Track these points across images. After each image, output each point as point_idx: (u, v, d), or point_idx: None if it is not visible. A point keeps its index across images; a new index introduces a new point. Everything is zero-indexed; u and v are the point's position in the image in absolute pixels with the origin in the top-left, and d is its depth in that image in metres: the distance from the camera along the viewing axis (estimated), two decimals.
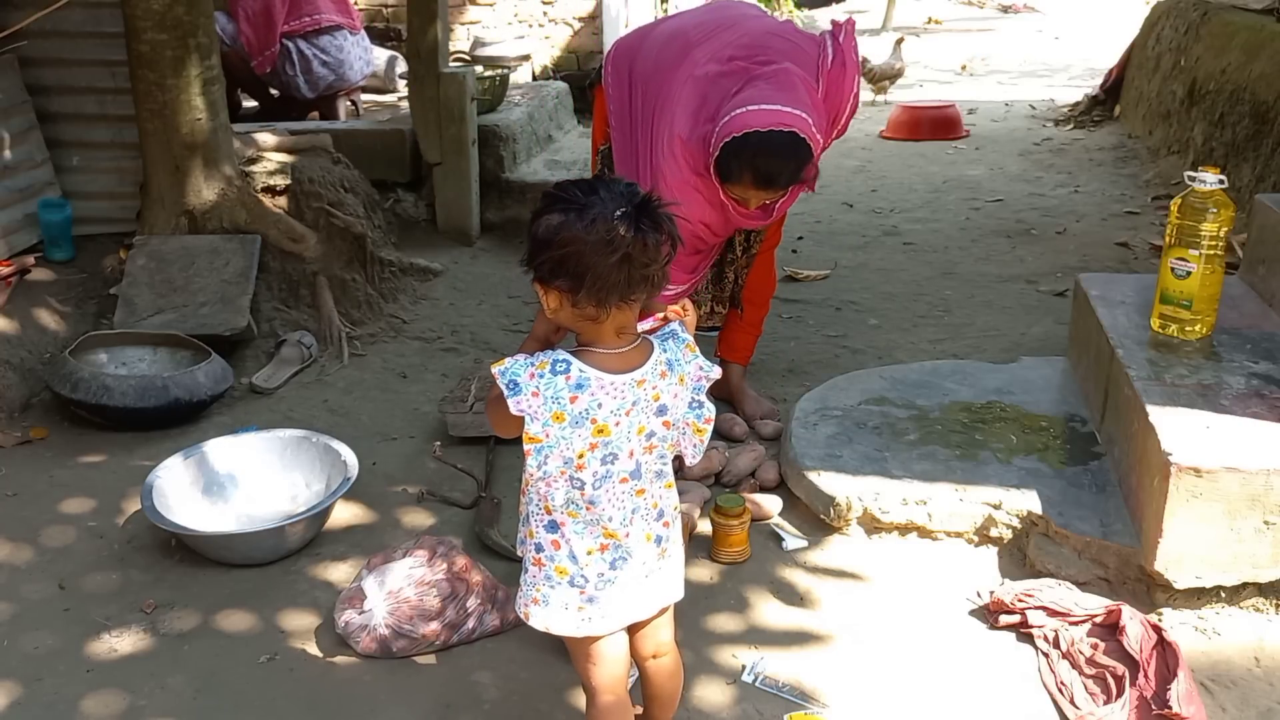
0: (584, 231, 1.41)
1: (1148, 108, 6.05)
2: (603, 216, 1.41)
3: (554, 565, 1.57)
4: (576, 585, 1.57)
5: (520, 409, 1.46)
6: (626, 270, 1.43)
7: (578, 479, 1.51)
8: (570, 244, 1.42)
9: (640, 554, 1.58)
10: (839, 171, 5.95)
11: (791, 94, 2.42)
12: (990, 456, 2.52)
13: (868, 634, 2.13)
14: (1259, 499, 2.01)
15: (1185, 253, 2.44)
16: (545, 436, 1.47)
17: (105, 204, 3.72)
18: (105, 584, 2.32)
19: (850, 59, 2.56)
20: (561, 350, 1.50)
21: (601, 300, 1.44)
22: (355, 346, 3.52)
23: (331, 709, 1.95)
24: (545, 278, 1.46)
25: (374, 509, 2.60)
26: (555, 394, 1.46)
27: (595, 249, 1.41)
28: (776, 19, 2.85)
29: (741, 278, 3.00)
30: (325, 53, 4.97)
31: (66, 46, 3.61)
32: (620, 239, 1.40)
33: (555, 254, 1.43)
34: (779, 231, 3.07)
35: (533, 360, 1.48)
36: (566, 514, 1.55)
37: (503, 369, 1.48)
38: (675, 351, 1.56)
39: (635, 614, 1.63)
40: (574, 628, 1.59)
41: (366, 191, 4.06)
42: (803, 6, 11.81)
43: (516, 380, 1.46)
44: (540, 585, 1.59)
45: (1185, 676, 1.89)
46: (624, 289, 1.44)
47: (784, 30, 2.69)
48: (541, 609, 1.59)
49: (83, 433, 2.96)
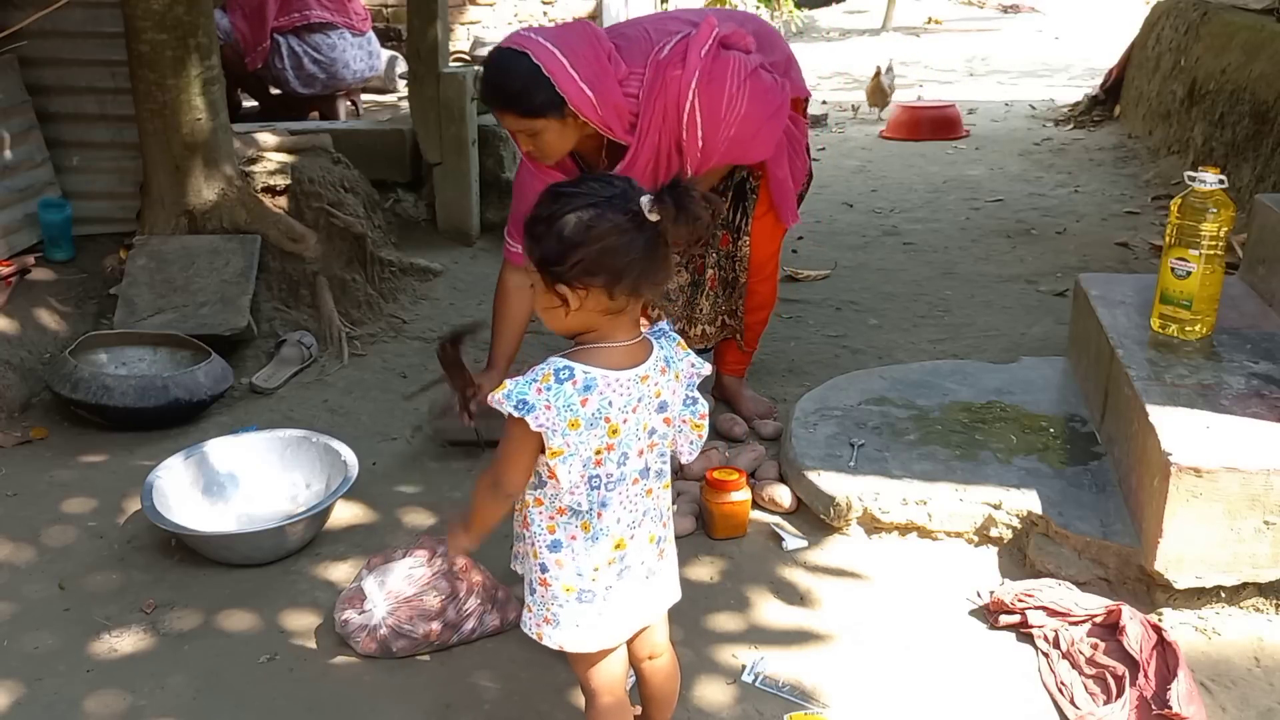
0: (625, 220, 1.40)
1: (1148, 108, 6.06)
2: (636, 202, 1.41)
3: (560, 584, 1.55)
4: (585, 601, 1.55)
5: (540, 424, 1.42)
6: (663, 253, 1.43)
7: (596, 477, 1.49)
8: (608, 236, 1.40)
9: (641, 556, 1.58)
10: (839, 171, 5.96)
11: (565, 35, 2.33)
12: (990, 456, 2.53)
13: (868, 634, 2.13)
14: (1259, 499, 2.01)
15: (1185, 253, 2.44)
16: (567, 447, 1.45)
17: (105, 204, 3.72)
18: (105, 584, 2.32)
19: (692, 59, 2.39)
20: (557, 358, 1.47)
21: (637, 289, 1.43)
22: (355, 346, 3.52)
23: (331, 709, 1.95)
24: (578, 277, 1.42)
25: (374, 509, 2.60)
26: (566, 402, 1.43)
27: (636, 236, 1.40)
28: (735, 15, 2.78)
29: (723, 305, 2.92)
30: (317, 50, 4.98)
31: (66, 46, 3.61)
32: (659, 222, 1.40)
33: (593, 250, 1.40)
34: (763, 254, 2.87)
35: (534, 376, 1.44)
36: (579, 527, 1.52)
37: (506, 393, 1.43)
38: (670, 348, 1.55)
39: (643, 619, 1.63)
40: (588, 643, 1.58)
41: (366, 191, 4.06)
42: (802, 6, 11.83)
43: (525, 399, 1.42)
44: (550, 605, 1.56)
45: (1185, 676, 1.89)
46: (661, 273, 1.44)
47: (691, 20, 2.53)
48: (553, 629, 1.57)
49: (83, 433, 2.96)
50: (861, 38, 11.74)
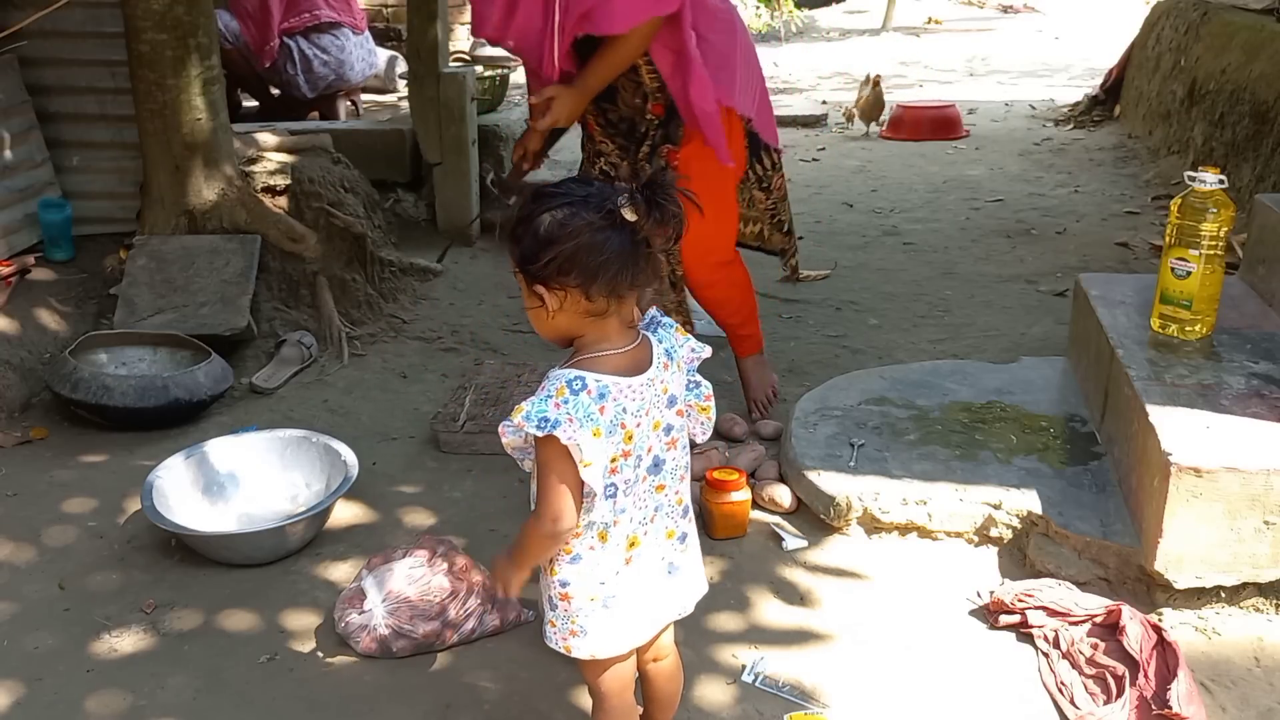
0: (599, 218, 1.40)
1: (1148, 108, 6.06)
2: (611, 202, 1.41)
3: (584, 595, 1.53)
4: (609, 606, 1.54)
5: (569, 438, 1.39)
6: (642, 252, 1.42)
7: (610, 485, 1.47)
8: (581, 233, 1.39)
9: (660, 552, 1.57)
10: (839, 171, 5.96)
11: None
12: (990, 456, 2.53)
13: (868, 634, 2.13)
14: (1259, 499, 2.01)
15: (1185, 253, 2.44)
16: (595, 459, 1.42)
17: (105, 204, 3.72)
18: (105, 584, 2.32)
19: None
20: (563, 369, 1.46)
21: (615, 289, 1.42)
22: (355, 346, 3.52)
23: (331, 709, 1.95)
24: (552, 276, 1.42)
25: (374, 509, 2.60)
26: (586, 412, 1.41)
27: (611, 235, 1.40)
28: None
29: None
30: (326, 51, 4.98)
31: (66, 46, 3.61)
32: (635, 220, 1.40)
33: (565, 248, 1.39)
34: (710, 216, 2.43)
35: (548, 393, 1.42)
36: (596, 537, 1.51)
37: (525, 414, 1.39)
38: (669, 339, 1.55)
39: (670, 614, 1.63)
40: (619, 646, 1.57)
41: (366, 191, 4.06)
42: (802, 6, 11.82)
43: (547, 416, 1.39)
44: (575, 617, 1.55)
45: (1185, 676, 1.89)
46: (639, 274, 1.43)
47: None
48: (581, 639, 1.56)
49: (83, 433, 2.96)
50: (861, 38, 11.74)
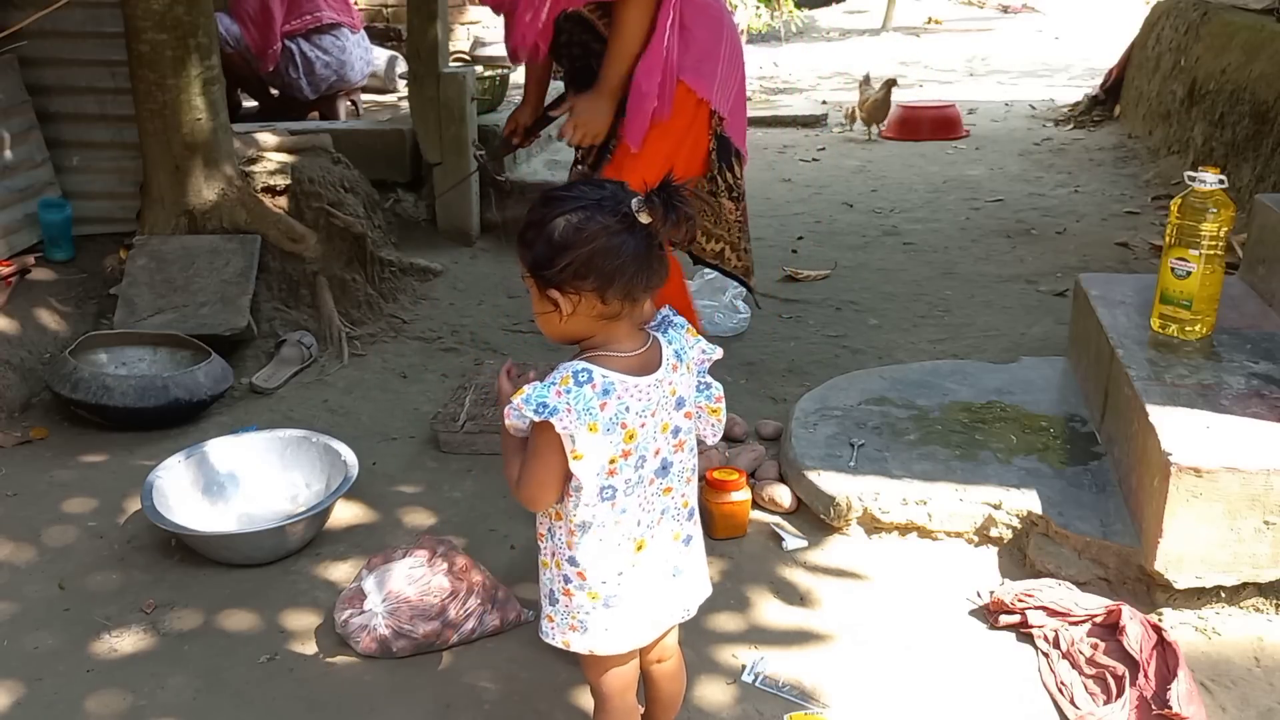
0: (615, 222, 1.39)
1: (1148, 108, 6.06)
2: (626, 204, 1.41)
3: (585, 593, 1.53)
4: (611, 605, 1.54)
5: (564, 427, 1.39)
6: (656, 255, 1.42)
7: (609, 487, 1.47)
8: (598, 237, 1.39)
9: (665, 555, 1.57)
10: (839, 171, 5.96)
11: None
12: (990, 456, 2.53)
13: (868, 634, 2.13)
14: (1259, 499, 2.01)
15: (1185, 253, 2.44)
16: (587, 453, 1.43)
17: (105, 204, 3.72)
18: (105, 584, 2.32)
19: None
20: (577, 360, 1.45)
21: (630, 293, 1.42)
22: (355, 346, 3.52)
23: (331, 709, 1.95)
24: (568, 280, 1.41)
25: (374, 509, 2.60)
26: (586, 405, 1.41)
27: (627, 238, 1.40)
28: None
29: None
30: (327, 52, 4.98)
31: (66, 46, 3.61)
32: (650, 223, 1.40)
33: (582, 252, 1.39)
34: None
35: (553, 380, 1.42)
36: (596, 539, 1.50)
37: (525, 398, 1.40)
38: (680, 340, 1.54)
39: (673, 616, 1.62)
40: (619, 644, 1.57)
41: (366, 191, 4.06)
42: (802, 6, 11.82)
43: (546, 402, 1.39)
44: (575, 614, 1.55)
45: (1185, 676, 1.89)
46: (654, 276, 1.43)
47: None
48: (581, 635, 1.55)
49: (83, 433, 2.96)
50: (861, 38, 11.74)
